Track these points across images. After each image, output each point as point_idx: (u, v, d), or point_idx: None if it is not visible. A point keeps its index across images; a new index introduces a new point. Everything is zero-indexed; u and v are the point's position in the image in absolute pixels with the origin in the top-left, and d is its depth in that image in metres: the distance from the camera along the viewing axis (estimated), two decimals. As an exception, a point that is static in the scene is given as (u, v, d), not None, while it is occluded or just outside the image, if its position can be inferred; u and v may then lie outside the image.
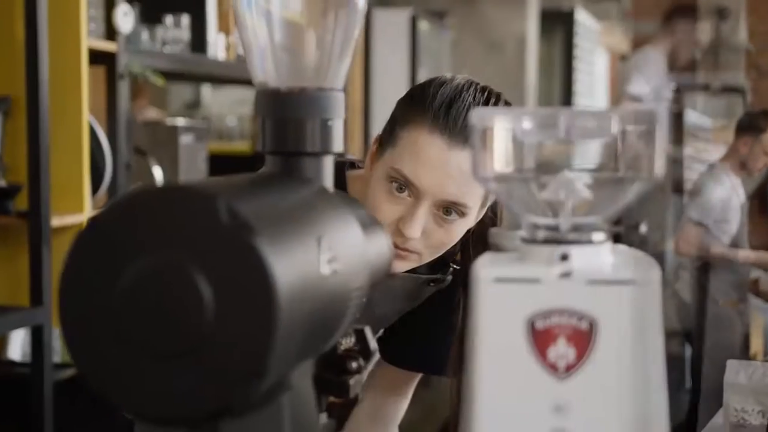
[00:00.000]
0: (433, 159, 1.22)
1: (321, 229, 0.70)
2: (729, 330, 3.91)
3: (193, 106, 5.56)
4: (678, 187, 4.43)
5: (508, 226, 1.33)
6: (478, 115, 0.70)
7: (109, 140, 2.67)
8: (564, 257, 0.67)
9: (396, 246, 1.25)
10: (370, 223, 0.84)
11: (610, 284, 0.66)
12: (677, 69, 5.00)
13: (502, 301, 0.67)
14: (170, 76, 3.22)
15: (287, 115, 0.80)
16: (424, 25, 4.85)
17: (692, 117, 4.72)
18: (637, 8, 9.98)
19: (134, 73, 2.69)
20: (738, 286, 4.10)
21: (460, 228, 1.27)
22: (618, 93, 9.78)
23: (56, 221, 2.45)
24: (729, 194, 4.02)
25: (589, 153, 0.71)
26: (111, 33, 2.70)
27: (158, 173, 2.93)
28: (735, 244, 4.00)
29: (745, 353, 3.77)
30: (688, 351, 4.22)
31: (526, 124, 0.69)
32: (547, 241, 0.68)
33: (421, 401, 1.81)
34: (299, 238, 0.66)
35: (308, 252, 0.66)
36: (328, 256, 0.69)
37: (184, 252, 0.61)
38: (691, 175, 4.42)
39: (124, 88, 2.71)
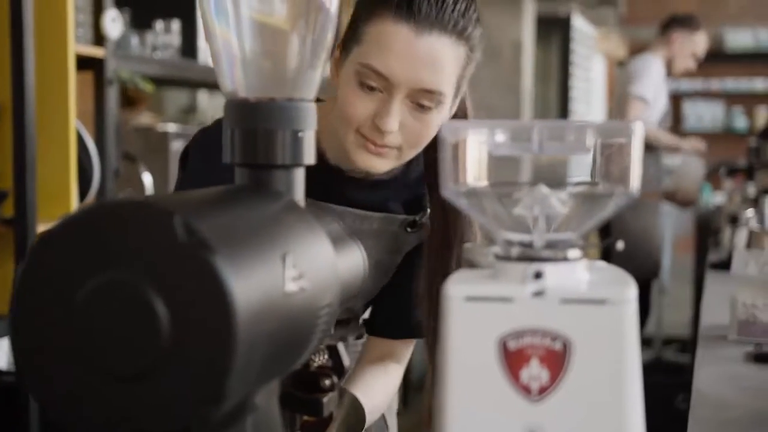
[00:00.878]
0: (401, 48, 1.20)
1: (287, 245, 0.68)
2: (648, 222, 4.00)
3: (189, 111, 5.53)
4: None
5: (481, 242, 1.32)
6: (448, 129, 0.68)
7: (97, 146, 2.64)
8: (537, 275, 0.65)
9: (374, 143, 1.23)
10: (342, 238, 0.81)
11: (585, 303, 0.63)
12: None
13: (473, 320, 0.64)
14: (161, 81, 3.20)
15: (257, 126, 0.78)
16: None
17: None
18: (633, 14, 9.98)
19: (123, 79, 2.67)
20: (658, 178, 4.16)
21: (436, 119, 1.24)
22: (615, 98, 9.78)
23: (43, 228, 2.42)
24: (659, 79, 4.43)
25: (566, 167, 0.69)
26: (99, 38, 2.68)
27: (148, 180, 2.90)
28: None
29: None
30: None
31: (499, 137, 0.67)
32: (520, 258, 0.66)
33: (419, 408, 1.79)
34: (262, 256, 0.63)
35: (272, 270, 0.64)
36: (294, 273, 0.67)
37: (140, 270, 0.59)
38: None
39: (112, 94, 2.68)
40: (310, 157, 0.80)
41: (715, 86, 9.83)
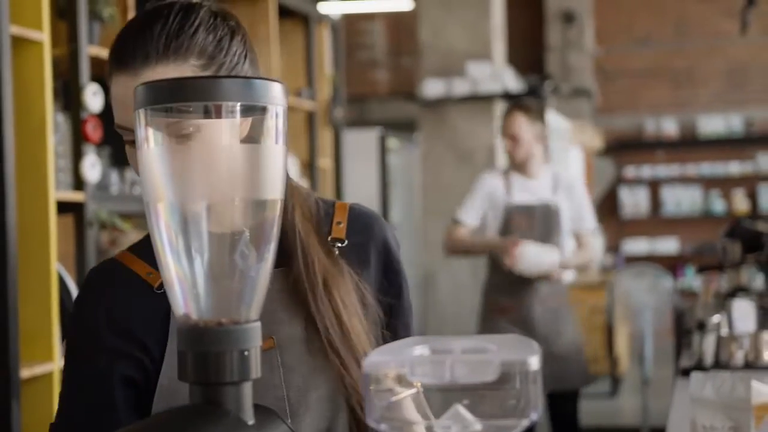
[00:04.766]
0: (124, 93, 1.19)
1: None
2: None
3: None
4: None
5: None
6: (371, 363, 0.76)
7: (79, 286, 2.72)
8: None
9: None
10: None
11: None
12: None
13: None
14: (141, 215, 3.30)
15: (207, 349, 0.86)
16: (393, 143, 4.97)
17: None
18: (607, 104, 10.23)
19: (102, 220, 2.76)
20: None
21: (209, 143, 1.13)
22: (593, 186, 9.98)
23: (26, 372, 2.48)
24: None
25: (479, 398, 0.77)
26: (79, 183, 2.78)
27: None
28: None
29: None
30: None
31: (418, 370, 0.75)
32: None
33: None
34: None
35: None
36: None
37: None
38: None
39: (92, 236, 2.77)
40: (257, 371, 0.88)
41: (692, 171, 10.04)
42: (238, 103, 0.87)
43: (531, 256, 3.85)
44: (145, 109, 0.88)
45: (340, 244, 1.30)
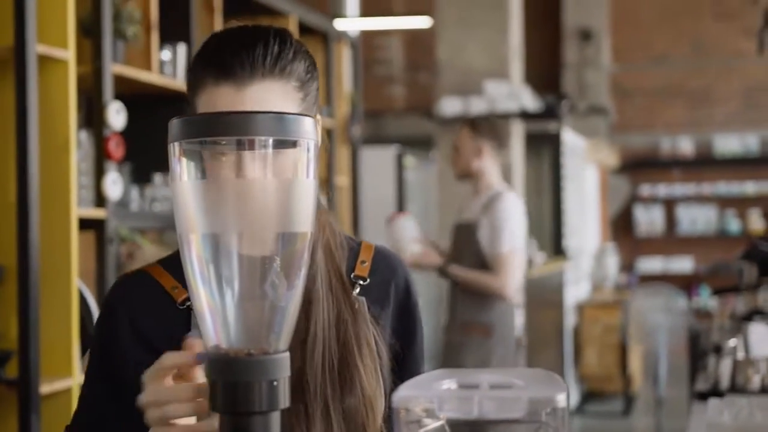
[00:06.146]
0: (226, 104, 1.19)
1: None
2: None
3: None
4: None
5: None
6: (400, 397, 0.77)
7: (98, 301, 2.74)
8: None
9: None
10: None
11: None
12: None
13: None
14: (161, 230, 3.33)
15: (236, 379, 0.88)
16: (410, 161, 4.98)
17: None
18: (623, 122, 10.22)
19: (122, 236, 2.79)
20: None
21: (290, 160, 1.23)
22: (608, 204, 9.97)
23: (45, 387, 2.51)
24: None
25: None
26: (101, 200, 2.81)
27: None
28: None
29: None
30: None
31: (446, 406, 0.77)
32: None
33: None
34: None
35: None
36: None
37: None
38: None
39: (112, 252, 2.80)
40: (285, 401, 0.89)
41: (707, 190, 10.01)
42: (271, 138, 0.89)
43: (398, 227, 3.86)
44: (179, 142, 0.90)
45: (362, 282, 1.32)
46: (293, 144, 0.90)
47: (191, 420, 1.01)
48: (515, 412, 0.75)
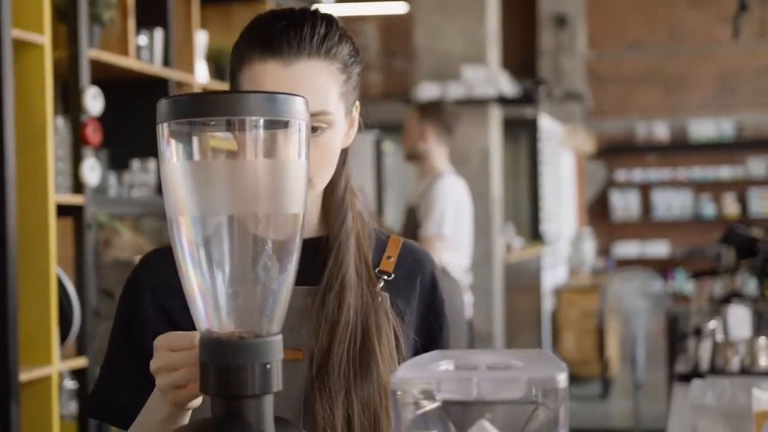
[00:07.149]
0: (272, 81, 1.21)
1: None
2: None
3: (166, 239, 5.60)
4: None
5: None
6: (398, 379, 0.77)
7: (77, 288, 2.72)
8: None
9: None
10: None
11: None
12: None
13: None
14: (138, 216, 3.30)
15: (228, 363, 0.87)
16: (388, 147, 4.97)
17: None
18: (600, 108, 10.25)
19: (101, 222, 2.76)
20: None
21: (332, 139, 1.26)
22: (585, 189, 10.01)
23: (24, 375, 2.48)
24: None
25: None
26: (78, 186, 2.77)
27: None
28: None
29: None
30: None
31: (445, 387, 0.76)
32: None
33: None
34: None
35: None
36: None
37: None
38: None
39: (90, 239, 2.77)
40: (278, 384, 0.88)
41: (683, 175, 10.07)
42: (261, 118, 0.88)
43: None
44: (168, 123, 0.88)
45: (386, 278, 1.32)
46: (284, 124, 0.89)
47: None
48: (514, 393, 0.74)
